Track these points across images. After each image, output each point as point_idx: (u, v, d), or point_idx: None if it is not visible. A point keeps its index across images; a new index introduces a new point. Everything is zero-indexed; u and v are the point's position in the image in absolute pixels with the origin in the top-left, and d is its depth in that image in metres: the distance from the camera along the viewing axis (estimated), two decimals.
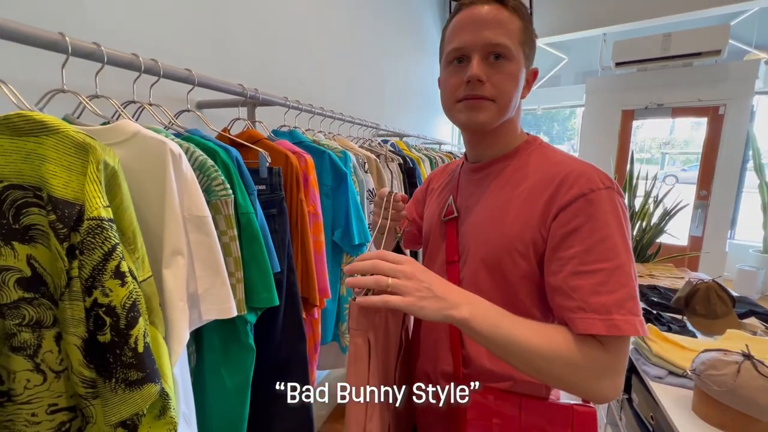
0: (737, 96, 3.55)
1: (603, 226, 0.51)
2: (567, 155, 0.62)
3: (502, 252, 0.58)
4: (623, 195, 0.56)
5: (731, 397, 0.91)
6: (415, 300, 0.48)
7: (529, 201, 0.58)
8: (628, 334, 0.49)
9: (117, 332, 0.53)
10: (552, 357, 0.49)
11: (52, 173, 0.51)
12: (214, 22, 1.21)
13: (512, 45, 0.58)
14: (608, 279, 0.50)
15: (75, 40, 0.59)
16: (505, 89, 0.59)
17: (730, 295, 1.49)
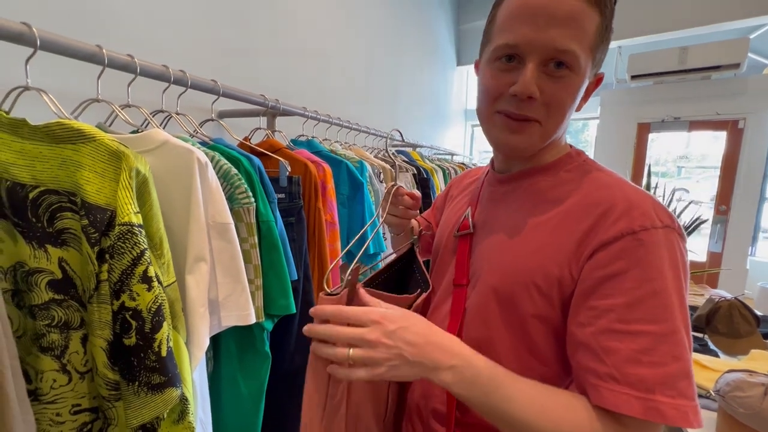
0: (757, 110, 3.48)
1: (656, 276, 0.41)
2: (618, 178, 0.50)
3: (518, 285, 0.49)
4: (685, 238, 0.44)
5: (758, 421, 0.88)
6: (384, 371, 0.42)
7: (561, 228, 0.47)
8: (672, 425, 0.38)
9: (142, 336, 0.54)
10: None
11: (86, 179, 0.52)
12: (238, 34, 1.25)
13: (582, 53, 0.45)
14: (655, 347, 0.39)
15: (111, 52, 0.62)
16: (558, 109, 0.48)
17: (754, 314, 1.44)
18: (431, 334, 0.44)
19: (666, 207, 0.45)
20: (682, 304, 0.41)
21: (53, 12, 0.77)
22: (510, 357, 0.49)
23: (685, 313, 0.41)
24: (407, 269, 0.75)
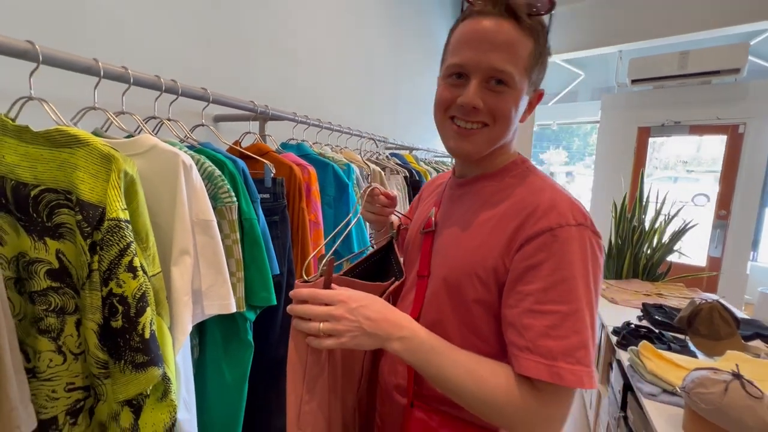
0: (758, 115, 3.48)
1: (566, 265, 0.49)
2: (549, 183, 0.58)
3: (462, 275, 0.57)
4: (599, 234, 0.53)
5: (719, 416, 0.91)
6: (347, 340, 0.50)
7: (498, 227, 0.56)
8: (570, 386, 0.47)
9: (127, 319, 0.60)
10: (481, 397, 0.49)
11: (81, 179, 0.59)
12: (233, 40, 1.32)
13: (517, 73, 0.54)
14: (561, 323, 0.48)
15: (107, 64, 0.69)
16: (499, 117, 0.56)
17: (735, 316, 1.47)
18: (386, 312, 0.53)
19: (581, 207, 0.53)
20: (587, 288, 0.49)
21: (51, 25, 0.85)
22: (457, 336, 0.57)
23: (590, 296, 0.50)
24: (386, 259, 0.82)
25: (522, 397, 0.48)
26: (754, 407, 0.88)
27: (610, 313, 1.86)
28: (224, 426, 0.86)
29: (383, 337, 0.51)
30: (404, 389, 0.63)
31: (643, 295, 2.12)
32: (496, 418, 0.50)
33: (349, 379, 0.68)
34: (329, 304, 0.51)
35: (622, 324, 1.63)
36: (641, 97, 4.05)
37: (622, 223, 2.63)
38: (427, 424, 0.58)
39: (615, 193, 3.65)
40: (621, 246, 2.57)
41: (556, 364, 0.47)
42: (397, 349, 0.51)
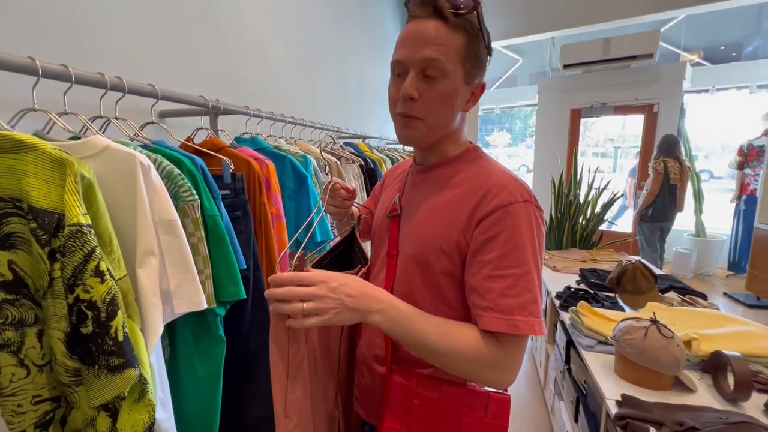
0: (669, 95, 3.91)
1: (517, 235, 0.57)
2: (498, 167, 0.66)
3: (429, 250, 0.64)
4: (541, 209, 0.62)
5: (641, 357, 1.08)
6: (331, 317, 0.54)
7: (458, 207, 0.63)
8: (525, 333, 0.56)
9: (98, 324, 0.59)
10: (454, 354, 0.56)
11: (31, 186, 0.57)
12: (175, 32, 1.26)
13: (448, 63, 0.59)
14: (516, 284, 0.56)
15: (44, 63, 0.65)
16: (435, 108, 0.62)
17: (653, 273, 1.70)
18: (364, 288, 0.58)
19: (526, 187, 0.62)
20: (534, 253, 0.58)
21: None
22: (427, 305, 0.64)
23: (537, 259, 0.59)
24: (350, 250, 0.86)
25: (487, 348, 0.57)
26: (667, 346, 1.05)
27: (552, 279, 2.06)
28: (201, 421, 0.87)
29: (364, 311, 0.56)
30: (382, 358, 0.69)
31: (580, 261, 2.36)
32: (467, 371, 0.58)
33: (328, 363, 0.73)
34: (308, 285, 0.55)
35: (563, 289, 1.82)
36: (572, 81, 4.38)
37: (560, 198, 2.87)
38: (406, 385, 0.63)
39: (553, 171, 3.95)
40: (560, 219, 2.82)
41: (513, 318, 0.55)
42: (377, 320, 0.56)
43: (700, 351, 1.16)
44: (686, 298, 1.65)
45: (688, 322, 1.35)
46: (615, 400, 1.03)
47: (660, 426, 0.90)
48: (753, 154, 3.78)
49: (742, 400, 1.00)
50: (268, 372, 1.04)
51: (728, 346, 1.13)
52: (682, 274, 3.99)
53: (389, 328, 0.57)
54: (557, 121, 4.49)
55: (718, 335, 1.23)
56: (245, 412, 1.01)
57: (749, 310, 3.24)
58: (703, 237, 4.17)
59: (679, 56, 4.92)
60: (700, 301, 1.62)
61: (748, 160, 3.81)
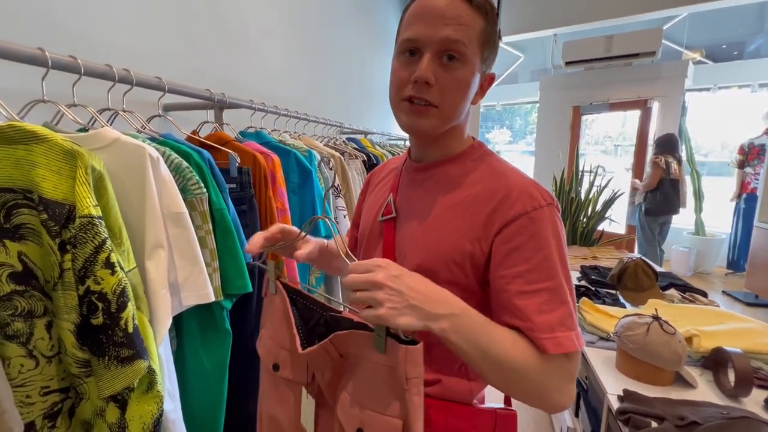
0: (670, 93, 3.91)
1: (545, 245, 0.52)
2: (510, 167, 0.60)
3: (439, 261, 0.57)
4: (559, 208, 0.57)
5: (643, 353, 1.09)
6: (385, 312, 0.44)
7: (469, 211, 0.56)
8: (568, 351, 0.50)
9: (109, 315, 0.60)
10: (520, 372, 0.50)
11: (42, 177, 0.57)
12: (183, 27, 1.26)
13: (470, 47, 0.54)
14: (551, 298, 0.51)
15: (54, 54, 0.65)
16: (452, 96, 0.56)
17: (654, 270, 1.71)
18: (430, 285, 0.50)
19: (544, 188, 0.56)
20: (563, 261, 0.53)
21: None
22: None
23: (566, 268, 0.54)
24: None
25: (543, 365, 0.51)
26: (669, 341, 1.06)
27: None
28: (207, 413, 0.88)
29: (430, 313, 0.47)
30: None
31: (581, 258, 2.37)
32: (524, 387, 0.52)
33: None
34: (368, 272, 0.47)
35: None
36: (574, 78, 4.37)
37: (562, 195, 2.88)
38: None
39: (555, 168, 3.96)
40: (562, 216, 2.82)
41: (555, 335, 0.50)
42: (444, 328, 0.47)
43: (701, 347, 1.17)
44: (687, 296, 1.66)
45: (689, 319, 1.36)
46: (616, 395, 1.04)
47: (661, 420, 0.91)
48: (754, 153, 3.78)
49: (742, 395, 1.01)
50: None
51: (729, 342, 1.14)
52: (681, 272, 4.01)
53: (456, 339, 0.48)
54: (558, 119, 4.49)
55: (719, 332, 1.24)
56: (248, 406, 1.02)
57: (748, 308, 3.26)
58: (703, 235, 4.19)
59: (682, 54, 4.91)
60: (701, 298, 1.63)
61: (748, 158, 3.82)
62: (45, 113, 0.71)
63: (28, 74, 0.66)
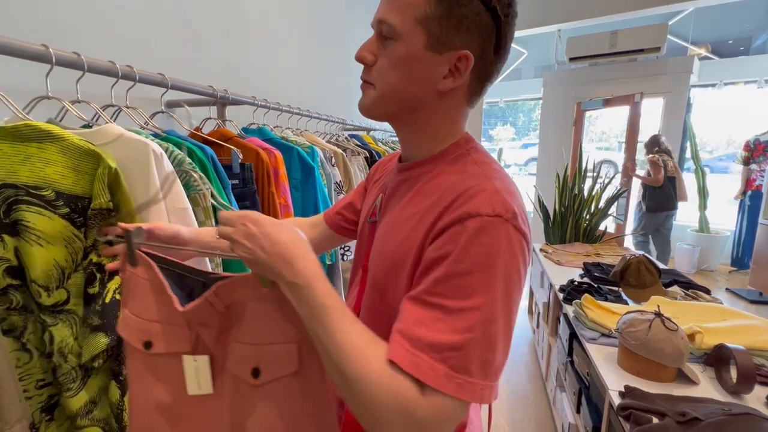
0: (676, 89, 3.88)
1: (466, 259, 0.42)
2: (485, 167, 0.51)
3: (389, 270, 0.52)
4: (523, 230, 0.45)
5: (644, 349, 1.09)
6: (247, 263, 0.47)
7: (422, 221, 0.49)
8: (427, 382, 0.39)
9: (102, 285, 0.63)
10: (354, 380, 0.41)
11: (60, 174, 0.59)
12: (185, 24, 1.26)
13: (400, 23, 0.48)
14: (442, 318, 0.41)
15: (58, 51, 0.65)
16: (385, 73, 0.50)
17: (657, 267, 1.71)
18: (288, 247, 0.46)
19: (508, 198, 0.45)
20: (494, 288, 0.42)
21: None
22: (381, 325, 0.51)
23: (496, 298, 0.42)
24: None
25: (382, 385, 0.40)
26: (671, 338, 1.06)
27: (556, 273, 2.06)
28: None
29: (275, 274, 0.47)
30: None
31: (584, 255, 2.36)
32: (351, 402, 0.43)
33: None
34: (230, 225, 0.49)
35: (567, 282, 1.83)
36: (578, 75, 4.34)
37: (565, 192, 2.87)
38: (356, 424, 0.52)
39: (558, 165, 3.94)
40: (564, 213, 2.82)
41: (418, 354, 0.40)
42: (286, 293, 0.47)
43: (703, 344, 1.17)
44: (690, 293, 1.65)
45: (691, 316, 1.36)
46: (618, 391, 1.05)
47: (663, 416, 0.91)
48: (759, 150, 3.75)
49: (744, 392, 1.01)
50: None
51: (731, 339, 1.13)
52: (684, 269, 3.99)
53: (299, 309, 0.46)
54: (562, 115, 4.46)
55: (722, 329, 1.23)
56: None
57: (751, 305, 3.24)
58: (707, 233, 4.17)
59: (687, 50, 4.87)
60: (704, 295, 1.62)
61: (754, 155, 3.78)
62: (49, 109, 0.71)
63: (33, 71, 0.66)
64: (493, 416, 1.80)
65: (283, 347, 0.51)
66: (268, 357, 0.51)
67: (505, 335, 0.43)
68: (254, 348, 0.51)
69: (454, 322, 0.41)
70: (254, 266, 0.48)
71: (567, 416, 1.53)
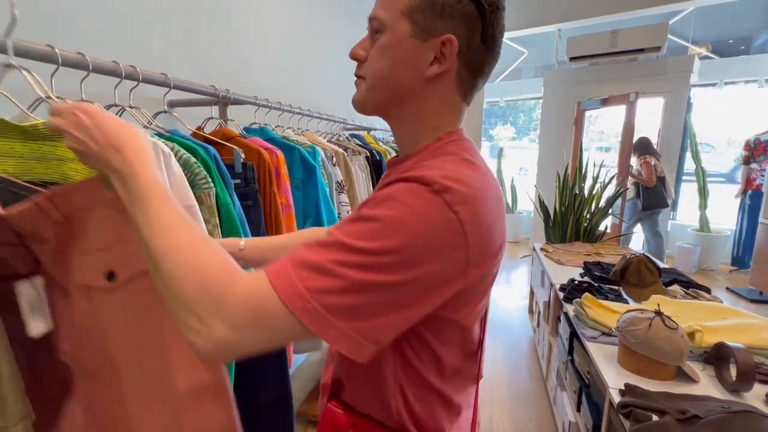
0: (676, 89, 3.88)
1: (379, 208, 0.40)
2: (450, 159, 0.47)
3: None
4: (454, 207, 0.40)
5: (644, 347, 1.09)
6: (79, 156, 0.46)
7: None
8: (271, 279, 0.38)
9: None
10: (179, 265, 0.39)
11: (74, 170, 0.59)
12: (186, 23, 1.26)
13: (387, 16, 0.50)
14: (329, 246, 0.39)
15: (63, 51, 0.66)
16: (374, 63, 0.52)
17: (657, 266, 1.71)
18: (118, 135, 0.46)
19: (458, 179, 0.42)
20: (386, 238, 0.38)
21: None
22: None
23: (384, 250, 0.38)
24: None
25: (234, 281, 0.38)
26: (671, 336, 1.07)
27: (556, 272, 2.07)
28: None
29: (104, 164, 0.45)
30: (327, 387, 0.59)
31: (584, 255, 2.37)
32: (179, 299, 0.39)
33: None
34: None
35: (567, 281, 1.83)
36: (579, 74, 4.34)
37: (565, 191, 2.87)
38: (336, 421, 0.54)
39: (558, 164, 3.94)
40: (564, 212, 2.82)
41: (286, 270, 0.38)
42: (116, 184, 0.45)
43: (703, 342, 1.17)
44: (690, 292, 1.66)
45: (691, 315, 1.36)
46: (618, 389, 1.05)
47: (663, 414, 0.92)
48: (759, 149, 3.75)
49: (744, 390, 1.02)
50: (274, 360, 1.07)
51: (731, 338, 1.14)
52: (685, 269, 4.00)
53: (124, 199, 0.44)
54: (562, 115, 4.46)
55: (722, 327, 1.24)
56: (256, 397, 1.04)
57: (751, 305, 3.25)
58: (707, 232, 4.17)
59: (687, 49, 4.87)
60: (704, 294, 1.63)
61: (754, 155, 3.79)
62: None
63: (37, 71, 0.67)
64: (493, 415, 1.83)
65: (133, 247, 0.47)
66: (121, 256, 0.48)
67: (390, 299, 0.39)
68: (105, 252, 0.48)
69: (337, 253, 0.39)
70: (86, 159, 0.47)
71: (567, 415, 1.53)
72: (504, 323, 2.99)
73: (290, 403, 1.10)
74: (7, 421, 0.58)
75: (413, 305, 0.41)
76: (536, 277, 2.58)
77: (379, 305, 0.39)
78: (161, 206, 0.42)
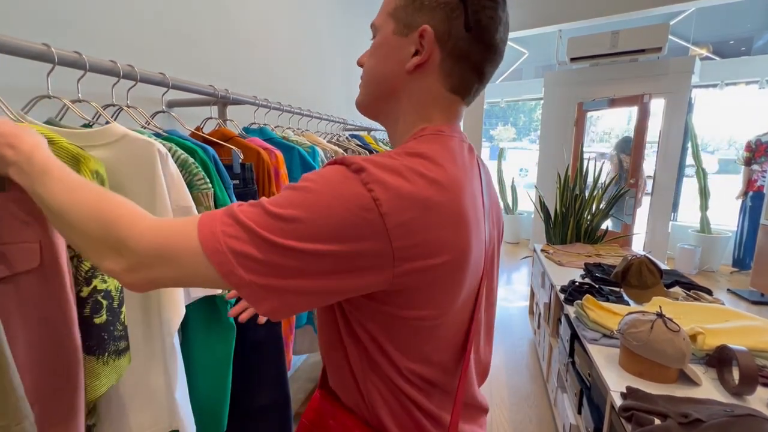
0: (677, 89, 3.87)
1: (301, 181, 0.43)
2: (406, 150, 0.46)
3: None
4: (370, 186, 0.40)
5: (646, 350, 1.08)
6: None
7: None
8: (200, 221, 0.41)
9: (111, 312, 0.61)
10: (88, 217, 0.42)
11: None
12: (184, 22, 1.26)
13: (379, 21, 0.53)
14: (251, 206, 0.41)
15: (60, 50, 0.65)
16: (366, 66, 0.55)
17: (659, 268, 1.70)
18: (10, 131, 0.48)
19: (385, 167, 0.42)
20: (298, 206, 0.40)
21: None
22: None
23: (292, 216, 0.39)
24: None
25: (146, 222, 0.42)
26: (673, 339, 1.06)
27: (557, 274, 2.06)
28: (211, 405, 0.89)
29: (3, 164, 0.47)
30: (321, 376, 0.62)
31: (585, 256, 2.36)
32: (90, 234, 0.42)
33: None
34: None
35: (568, 283, 1.83)
36: (579, 75, 4.33)
37: (565, 192, 2.86)
38: (324, 408, 0.57)
39: (559, 165, 3.93)
40: (565, 213, 2.81)
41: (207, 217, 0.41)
42: (14, 178, 0.46)
43: (705, 345, 1.16)
44: (691, 293, 1.65)
45: (693, 317, 1.35)
46: (619, 392, 1.04)
47: (664, 417, 0.91)
48: (761, 150, 3.74)
49: (746, 393, 1.01)
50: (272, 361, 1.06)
51: (733, 340, 1.13)
52: (686, 270, 3.99)
53: (25, 186, 0.46)
54: (563, 115, 4.45)
55: (724, 330, 1.23)
56: (252, 400, 1.03)
57: (753, 306, 3.24)
58: (708, 233, 4.16)
59: (688, 50, 4.86)
60: (706, 296, 1.62)
61: (755, 156, 3.78)
62: (50, 108, 0.71)
63: (34, 70, 0.66)
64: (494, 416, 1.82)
65: (27, 248, 0.49)
66: (9, 260, 0.49)
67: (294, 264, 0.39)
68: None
69: (257, 213, 0.40)
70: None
71: (568, 417, 1.52)
72: (504, 324, 2.98)
73: (288, 404, 1.10)
74: (9, 420, 0.57)
75: (323, 278, 0.40)
76: (537, 279, 2.57)
77: (282, 267, 0.39)
78: (63, 175, 0.45)
